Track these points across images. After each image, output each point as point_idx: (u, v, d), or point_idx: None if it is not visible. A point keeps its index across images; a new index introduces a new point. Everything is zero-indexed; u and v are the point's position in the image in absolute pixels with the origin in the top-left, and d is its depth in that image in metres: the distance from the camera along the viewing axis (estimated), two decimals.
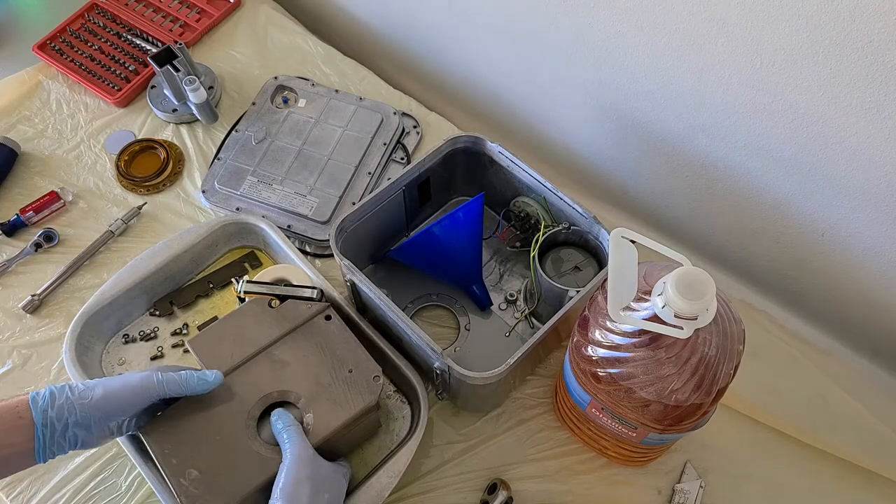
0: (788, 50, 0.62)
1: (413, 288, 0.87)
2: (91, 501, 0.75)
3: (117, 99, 1.02)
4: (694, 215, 0.90)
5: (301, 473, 0.60)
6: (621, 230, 0.56)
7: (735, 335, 0.55)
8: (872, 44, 0.57)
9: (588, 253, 0.80)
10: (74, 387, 0.60)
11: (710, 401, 0.56)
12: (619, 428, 0.65)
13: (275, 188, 0.92)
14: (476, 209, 0.80)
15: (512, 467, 0.77)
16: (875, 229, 0.72)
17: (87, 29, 1.10)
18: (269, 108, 1.00)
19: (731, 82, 0.70)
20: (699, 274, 0.50)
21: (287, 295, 0.72)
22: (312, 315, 0.70)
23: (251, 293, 0.71)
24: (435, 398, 0.78)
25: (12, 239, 0.92)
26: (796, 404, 0.81)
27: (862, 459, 0.78)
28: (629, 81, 0.80)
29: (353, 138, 0.96)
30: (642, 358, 0.55)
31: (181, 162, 0.98)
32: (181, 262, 0.84)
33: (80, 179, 0.97)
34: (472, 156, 0.85)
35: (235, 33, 1.11)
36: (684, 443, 0.77)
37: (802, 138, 0.69)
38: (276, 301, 0.71)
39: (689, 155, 0.82)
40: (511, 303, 0.86)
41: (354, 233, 0.79)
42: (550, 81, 0.91)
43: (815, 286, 0.85)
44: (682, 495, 0.75)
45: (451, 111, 1.08)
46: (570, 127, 0.96)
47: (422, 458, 0.77)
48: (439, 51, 1.05)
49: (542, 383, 0.82)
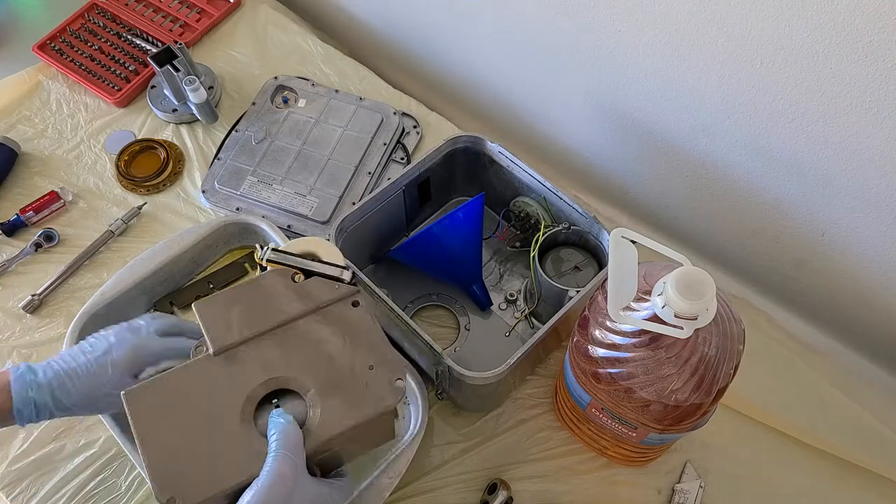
0: (788, 50, 0.62)
1: (413, 288, 0.87)
2: (91, 501, 0.75)
3: (117, 99, 1.02)
4: (694, 215, 0.90)
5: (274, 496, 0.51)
6: (621, 230, 0.56)
7: (735, 335, 0.55)
8: (872, 44, 0.57)
9: (588, 253, 0.80)
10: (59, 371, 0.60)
11: (710, 401, 0.56)
12: (619, 428, 0.65)
13: (275, 188, 0.92)
14: (476, 209, 0.80)
15: (512, 467, 0.77)
16: (875, 229, 0.72)
17: (87, 29, 1.10)
18: (269, 108, 1.00)
19: (731, 82, 0.70)
20: (699, 274, 0.50)
21: (314, 271, 0.63)
22: (338, 298, 0.61)
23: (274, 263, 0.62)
24: (435, 398, 0.78)
25: (12, 239, 0.92)
26: (796, 404, 0.81)
27: (862, 459, 0.78)
28: (629, 81, 0.80)
29: (353, 138, 0.96)
30: (642, 358, 0.55)
31: (181, 162, 0.98)
32: (181, 262, 0.84)
33: (80, 179, 0.97)
34: (472, 156, 0.85)
35: (235, 33, 1.11)
36: (684, 443, 0.77)
37: (802, 138, 0.69)
38: (301, 276, 0.62)
39: (689, 155, 0.82)
40: (511, 303, 0.86)
41: (354, 233, 0.79)
42: (550, 81, 0.91)
43: (815, 286, 0.85)
44: (682, 495, 0.75)
45: (451, 111, 1.08)
46: (570, 127, 0.96)
47: (422, 458, 0.77)
48: (439, 51, 1.05)
49: (542, 383, 0.82)
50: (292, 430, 0.54)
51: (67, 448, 0.77)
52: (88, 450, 0.77)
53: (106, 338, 0.63)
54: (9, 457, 0.77)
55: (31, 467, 0.76)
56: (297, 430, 0.54)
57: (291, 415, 0.55)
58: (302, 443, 0.54)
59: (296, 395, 0.58)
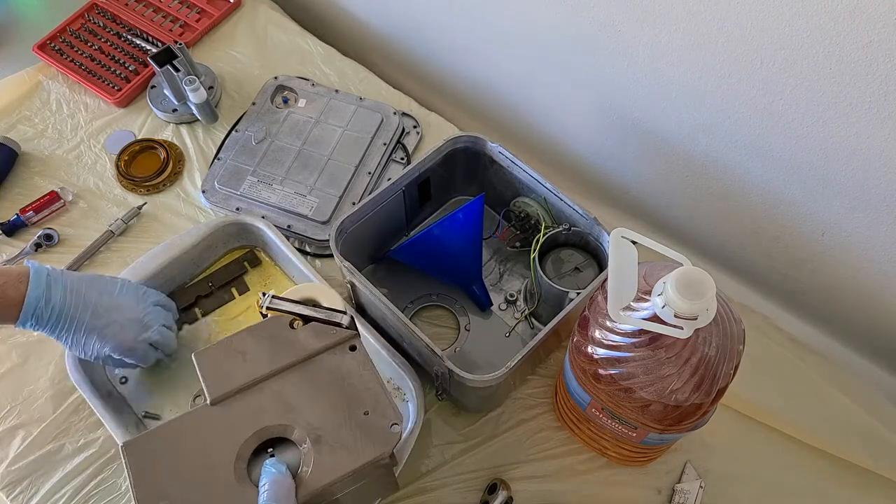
0: (788, 50, 0.62)
1: (413, 288, 0.87)
2: (91, 501, 0.75)
3: (117, 99, 1.02)
4: (694, 215, 0.90)
5: None
6: (621, 230, 0.56)
7: (735, 335, 0.55)
8: (872, 44, 0.57)
9: (588, 254, 0.80)
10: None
11: (710, 401, 0.56)
12: (619, 428, 0.65)
13: (275, 188, 0.92)
14: (476, 210, 0.80)
15: (512, 467, 0.77)
16: (875, 229, 0.72)
17: (87, 29, 1.10)
18: (269, 108, 1.00)
19: (731, 82, 0.70)
20: (699, 274, 0.50)
21: (313, 317, 0.64)
22: (336, 342, 0.62)
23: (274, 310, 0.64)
24: (435, 398, 0.78)
25: (12, 239, 0.92)
26: (796, 404, 0.81)
27: (862, 459, 0.78)
28: (629, 81, 0.80)
29: (353, 138, 0.96)
30: (642, 358, 0.55)
31: (181, 162, 0.98)
32: (182, 262, 0.84)
33: (80, 179, 0.97)
34: (472, 156, 0.85)
35: (235, 33, 1.11)
36: (684, 443, 0.77)
37: (802, 138, 0.69)
38: (300, 322, 0.64)
39: (689, 155, 0.82)
40: (511, 303, 0.86)
41: (354, 233, 0.79)
42: (550, 81, 0.91)
43: (815, 286, 0.85)
44: (682, 495, 0.75)
45: (451, 111, 1.08)
46: (570, 127, 0.96)
47: (422, 459, 0.77)
48: (439, 51, 1.05)
49: (542, 383, 0.82)
50: (284, 479, 0.54)
51: (67, 448, 0.77)
52: (88, 450, 0.77)
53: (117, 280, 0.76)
54: (9, 457, 0.77)
55: (31, 467, 0.76)
56: (289, 480, 0.54)
57: (286, 464, 0.55)
58: (293, 493, 0.54)
59: (292, 443, 0.58)
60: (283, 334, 0.62)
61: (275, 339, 0.62)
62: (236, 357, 0.61)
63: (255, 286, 0.87)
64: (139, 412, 0.78)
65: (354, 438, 0.57)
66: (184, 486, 0.55)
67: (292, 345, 0.62)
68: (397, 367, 0.75)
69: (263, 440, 0.57)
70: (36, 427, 0.78)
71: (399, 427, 0.58)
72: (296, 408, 0.58)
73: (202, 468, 0.55)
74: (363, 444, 0.57)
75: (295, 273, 0.86)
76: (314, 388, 0.60)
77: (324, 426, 0.58)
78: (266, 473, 0.54)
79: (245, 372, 0.60)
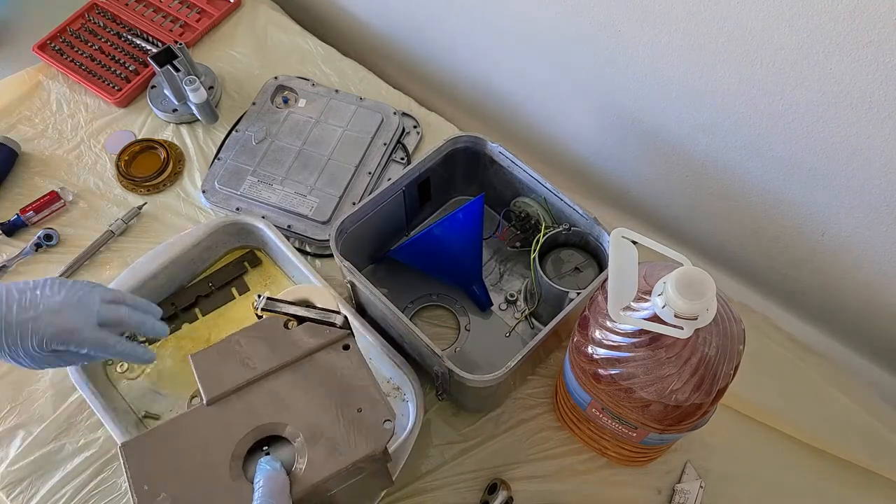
0: (788, 50, 0.62)
1: (413, 288, 0.87)
2: (91, 501, 0.75)
3: (117, 99, 1.02)
4: (694, 215, 0.90)
5: None
6: (621, 230, 0.56)
7: (735, 335, 0.55)
8: (872, 44, 0.57)
9: (588, 254, 0.80)
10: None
11: (710, 401, 0.56)
12: (619, 428, 0.65)
13: (275, 188, 0.92)
14: (476, 210, 0.80)
15: (512, 467, 0.77)
16: (875, 229, 0.72)
17: (88, 29, 1.10)
18: (269, 108, 1.00)
19: (731, 82, 0.70)
20: (699, 274, 0.50)
21: (307, 317, 0.65)
22: (330, 342, 0.63)
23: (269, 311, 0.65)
24: (435, 398, 0.78)
25: (12, 239, 0.92)
26: (796, 404, 0.81)
27: (862, 459, 0.78)
28: (629, 81, 0.80)
29: (353, 138, 0.96)
30: (642, 358, 0.55)
31: (181, 162, 0.98)
32: (182, 263, 0.84)
33: (80, 179, 0.97)
34: (472, 156, 0.85)
35: (235, 33, 1.11)
36: (684, 443, 0.77)
37: (802, 138, 0.69)
38: (294, 322, 0.65)
39: (689, 155, 0.82)
40: (511, 303, 0.86)
41: (354, 233, 0.79)
42: (551, 81, 0.91)
43: (815, 286, 0.85)
44: (682, 495, 0.75)
45: (451, 111, 1.08)
46: (570, 127, 0.96)
47: (421, 459, 0.77)
48: (439, 51, 1.05)
49: (542, 383, 0.82)
50: (278, 476, 0.54)
51: (67, 448, 0.77)
52: (88, 450, 0.77)
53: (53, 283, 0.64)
54: (9, 457, 0.77)
55: (31, 467, 0.76)
56: (284, 477, 0.55)
57: (281, 461, 0.57)
58: (287, 489, 0.54)
59: (286, 441, 0.59)
60: (278, 335, 0.64)
61: (270, 339, 0.63)
62: (232, 358, 0.62)
63: (256, 286, 0.87)
64: (139, 412, 0.78)
65: (348, 435, 0.58)
66: (181, 484, 0.56)
67: (287, 345, 0.63)
68: (397, 367, 0.76)
69: (259, 438, 0.58)
70: (36, 427, 0.78)
71: (392, 423, 0.59)
72: (290, 406, 0.60)
73: (199, 467, 0.56)
74: (356, 440, 0.58)
75: (295, 273, 0.86)
76: (308, 386, 0.61)
77: (318, 424, 0.59)
78: (261, 471, 0.55)
79: (240, 372, 0.61)
